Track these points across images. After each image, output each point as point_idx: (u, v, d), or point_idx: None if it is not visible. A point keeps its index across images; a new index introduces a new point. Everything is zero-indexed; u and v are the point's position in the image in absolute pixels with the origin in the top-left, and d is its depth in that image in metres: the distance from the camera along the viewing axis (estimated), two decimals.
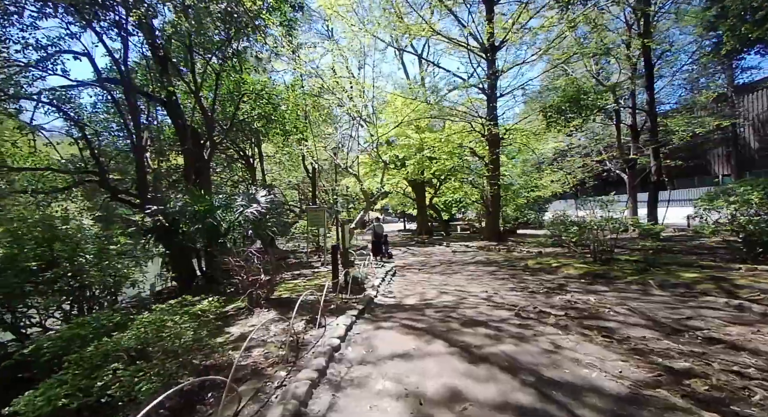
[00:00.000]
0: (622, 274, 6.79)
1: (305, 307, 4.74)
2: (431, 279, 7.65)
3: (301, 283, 7.55)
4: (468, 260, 10.58)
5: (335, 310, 4.70)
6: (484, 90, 14.39)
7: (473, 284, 6.88)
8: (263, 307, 4.82)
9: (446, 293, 6.05)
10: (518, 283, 6.85)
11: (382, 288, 6.41)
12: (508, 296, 5.71)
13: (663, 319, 4.31)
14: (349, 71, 9.99)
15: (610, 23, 16.55)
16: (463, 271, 8.70)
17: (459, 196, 19.69)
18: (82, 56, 8.54)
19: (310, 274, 9.06)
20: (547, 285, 6.50)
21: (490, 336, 3.62)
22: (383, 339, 3.59)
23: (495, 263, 9.63)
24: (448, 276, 8.00)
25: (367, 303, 5.01)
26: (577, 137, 21.45)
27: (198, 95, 7.46)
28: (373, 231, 11.44)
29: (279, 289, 6.52)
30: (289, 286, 7.06)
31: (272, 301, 5.12)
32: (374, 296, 5.58)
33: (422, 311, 4.73)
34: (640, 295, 5.51)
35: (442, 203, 22.35)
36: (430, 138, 15.77)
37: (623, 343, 3.42)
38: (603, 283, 6.48)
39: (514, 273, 7.93)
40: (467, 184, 18.46)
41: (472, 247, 13.41)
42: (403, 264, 10.37)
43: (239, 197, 7.97)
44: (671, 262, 7.61)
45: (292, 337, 3.50)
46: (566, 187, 21.09)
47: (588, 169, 20.06)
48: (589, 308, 4.81)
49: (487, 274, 8.08)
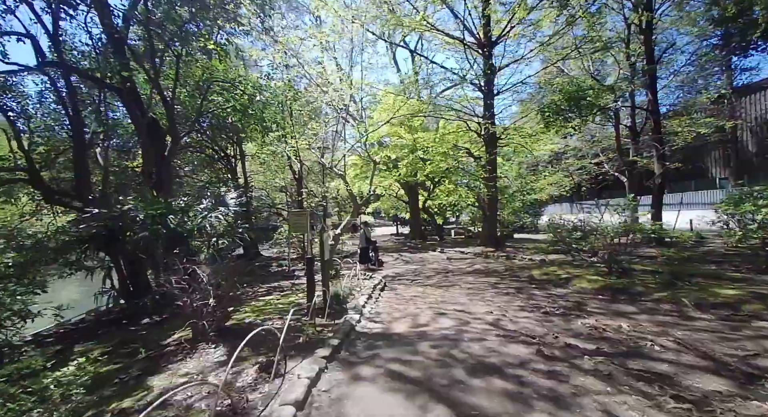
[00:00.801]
0: (645, 289, 5.80)
1: (267, 340, 3.61)
2: (426, 294, 6.56)
3: (274, 299, 6.39)
4: (465, 269, 9.54)
5: (304, 346, 3.58)
6: (480, 87, 13.46)
7: (475, 301, 5.82)
8: (210, 342, 3.67)
9: (444, 315, 4.97)
10: (526, 299, 5.80)
11: (368, 307, 5.30)
12: (520, 320, 4.65)
13: (725, 357, 3.29)
14: (337, 64, 8.91)
15: (608, 23, 15.89)
16: (461, 282, 7.64)
17: (453, 200, 18.70)
18: (25, 38, 7.33)
19: (288, 287, 7.91)
20: (561, 302, 5.46)
21: (511, 395, 2.54)
22: (360, 402, 2.49)
23: (495, 273, 8.60)
24: (445, 289, 6.93)
25: (346, 333, 3.90)
26: (574, 139, 20.70)
27: (157, 80, 6.32)
28: (361, 236, 10.33)
29: (242, 311, 5.36)
30: (258, 304, 5.90)
31: (226, 332, 3.97)
32: (357, 321, 4.47)
33: (415, 346, 3.64)
34: (678, 318, 4.50)
35: (436, 207, 21.36)
36: (424, 138, 14.78)
37: (704, 408, 2.37)
38: (626, 300, 5.47)
39: (519, 286, 6.89)
40: (462, 187, 17.50)
41: (469, 254, 12.39)
42: (394, 274, 9.28)
43: (207, 199, 6.81)
44: (695, 272, 6.66)
45: (227, 398, 2.37)
46: (563, 191, 20.30)
47: (585, 171, 19.27)
48: (626, 340, 3.77)
49: (488, 286, 7.03)
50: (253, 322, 4.57)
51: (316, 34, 7.66)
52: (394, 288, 7.26)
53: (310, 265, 4.97)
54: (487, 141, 13.27)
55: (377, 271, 9.91)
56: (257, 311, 5.27)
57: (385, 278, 8.51)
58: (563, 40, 15.24)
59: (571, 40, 14.95)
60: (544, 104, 13.10)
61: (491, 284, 7.24)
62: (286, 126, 9.06)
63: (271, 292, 7.18)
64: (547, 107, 12.88)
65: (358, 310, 4.97)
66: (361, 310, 5.04)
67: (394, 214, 25.26)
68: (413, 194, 19.53)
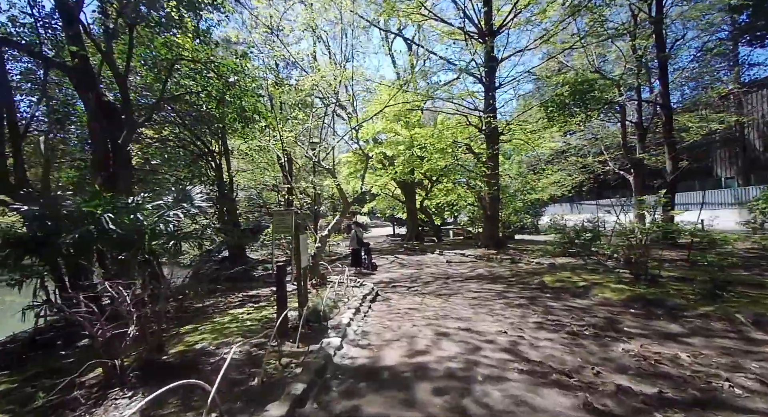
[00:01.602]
0: (684, 301, 4.83)
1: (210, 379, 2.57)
2: (424, 305, 5.56)
3: (245, 312, 5.35)
4: (467, 273, 8.54)
5: (257, 393, 2.56)
6: (481, 79, 12.51)
7: (482, 315, 4.82)
8: (128, 387, 2.63)
9: (446, 337, 3.97)
10: (543, 313, 4.81)
11: (354, 326, 4.28)
12: (542, 343, 3.66)
13: None
14: (326, 45, 7.91)
15: (613, 15, 15.05)
16: (464, 290, 6.64)
17: (452, 199, 17.74)
18: None
19: (267, 296, 6.87)
20: (587, 319, 4.48)
21: None
22: None
23: (501, 279, 7.61)
24: (446, 300, 5.92)
25: (318, 370, 2.88)
26: (575, 137, 19.83)
27: (110, 56, 5.30)
28: (352, 238, 9.32)
29: (200, 331, 4.32)
30: (224, 321, 4.85)
31: (158, 368, 2.93)
32: (337, 347, 3.45)
33: (412, 391, 2.63)
34: (742, 342, 3.53)
35: (434, 206, 20.39)
36: (421, 134, 13.80)
37: None
38: (665, 316, 4.49)
39: (531, 296, 5.89)
40: (462, 186, 16.54)
41: (470, 256, 11.40)
42: (388, 279, 8.26)
43: (168, 195, 5.76)
44: (730, 279, 5.70)
45: None
46: (564, 190, 19.39)
47: (589, 170, 18.37)
48: (691, 378, 2.79)
49: (495, 295, 6.03)
50: (205, 349, 3.54)
51: (300, 12, 6.66)
52: (388, 297, 6.24)
53: (282, 273, 3.95)
54: (488, 136, 12.32)
55: (370, 275, 8.90)
56: (217, 331, 4.23)
57: (378, 285, 7.49)
58: (567, 30, 14.41)
59: (575, 33, 14.13)
60: (548, 98, 12.18)
61: (498, 293, 6.24)
62: (268, 116, 8.03)
63: (246, 302, 6.14)
64: (550, 102, 11.98)
65: (341, 330, 3.95)
66: (344, 329, 4.02)
67: (390, 214, 24.26)
68: (410, 193, 18.55)
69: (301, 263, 4.30)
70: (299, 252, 4.27)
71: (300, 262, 4.28)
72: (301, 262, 4.29)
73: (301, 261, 4.31)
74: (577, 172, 18.52)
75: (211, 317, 5.09)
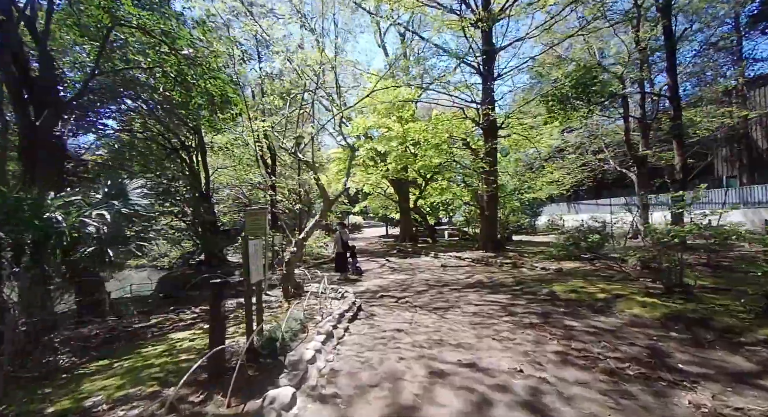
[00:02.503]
0: (734, 320, 3.84)
1: None
2: (414, 324, 4.49)
3: (188, 339, 4.22)
4: (464, 280, 7.51)
5: None
6: (478, 69, 11.50)
7: (487, 341, 3.77)
8: None
9: (443, 378, 2.91)
10: (564, 338, 3.77)
11: (320, 361, 3.20)
12: (572, 390, 2.62)
13: None
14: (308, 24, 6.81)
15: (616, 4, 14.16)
16: (462, 302, 5.59)
17: (447, 198, 16.72)
18: None
19: (232, 309, 5.75)
20: (623, 348, 3.45)
21: None
22: None
23: (504, 287, 6.58)
24: (441, 316, 4.87)
25: None
26: (573, 134, 18.95)
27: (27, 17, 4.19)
28: (337, 240, 8.24)
29: (115, 368, 3.20)
30: (154, 351, 3.72)
31: None
32: (286, 406, 2.35)
33: None
34: None
35: (428, 206, 19.36)
36: (414, 128, 12.76)
37: None
38: (720, 343, 3.48)
39: (543, 311, 4.86)
40: (458, 184, 15.55)
41: (466, 260, 10.37)
42: (376, 287, 7.19)
43: (102, 189, 4.61)
44: None
45: None
46: (562, 189, 18.50)
47: (588, 168, 17.50)
48: None
49: (500, 310, 4.99)
50: (91, 412, 2.41)
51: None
52: (372, 313, 5.16)
53: (218, 298, 2.84)
54: (486, 130, 11.31)
55: (356, 282, 7.82)
56: (132, 373, 3.09)
57: (363, 295, 6.42)
58: (568, 20, 13.48)
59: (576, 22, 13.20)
60: (548, 92, 11.19)
61: (503, 307, 5.20)
62: (239, 102, 6.91)
63: (200, 320, 5.00)
64: (551, 95, 11.01)
65: (301, 371, 2.86)
66: (306, 368, 2.93)
67: (383, 214, 23.18)
68: (403, 192, 17.50)
69: (252, 277, 3.20)
70: (248, 262, 3.17)
71: (250, 275, 3.18)
72: (251, 275, 3.19)
73: (252, 274, 3.21)
74: (577, 171, 17.63)
75: (143, 345, 3.96)
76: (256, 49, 10.59)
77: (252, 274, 3.20)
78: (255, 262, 3.26)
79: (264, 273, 3.46)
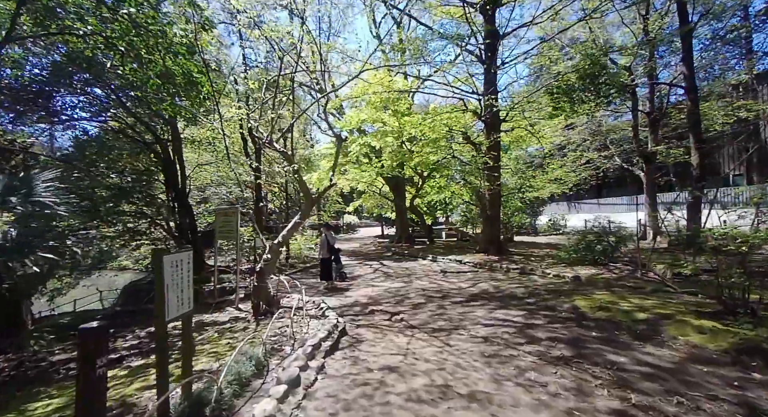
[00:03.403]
0: None
1: None
2: (411, 357, 3.44)
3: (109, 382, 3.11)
4: (469, 290, 6.46)
5: None
6: (481, 57, 10.47)
7: (508, 387, 2.73)
8: None
9: None
10: (614, 384, 2.73)
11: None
12: None
13: None
14: None
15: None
16: (469, 321, 4.55)
17: (446, 197, 15.68)
18: None
19: None
20: (703, 404, 2.41)
21: None
22: None
23: (515, 300, 5.54)
24: (445, 342, 3.82)
25: None
26: (576, 131, 18.00)
27: None
28: (322, 243, 7.16)
29: None
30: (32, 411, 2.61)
31: None
32: None
33: None
34: None
35: (425, 205, 18.31)
36: (411, 122, 11.70)
37: None
38: None
39: (572, 336, 3.82)
40: (457, 182, 14.51)
41: (468, 264, 9.33)
42: (366, 299, 6.11)
43: None
44: None
45: None
46: (565, 188, 17.52)
47: (593, 166, 16.56)
48: None
49: (517, 334, 3.95)
50: None
51: None
52: (358, 338, 4.09)
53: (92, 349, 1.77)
54: (488, 123, 10.28)
55: (344, 291, 6.74)
56: None
57: (351, 310, 5.35)
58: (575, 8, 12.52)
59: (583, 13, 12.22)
60: (554, 84, 10.17)
61: (519, 329, 4.15)
62: (204, 81, 5.80)
63: (132, 354, 3.88)
64: (556, 87, 10.01)
65: None
66: None
67: (378, 213, 22.09)
68: (399, 190, 16.43)
69: (168, 311, 2.11)
70: (163, 290, 2.08)
71: (165, 309, 2.09)
72: (167, 308, 2.10)
73: (169, 307, 2.12)
74: (581, 168, 16.68)
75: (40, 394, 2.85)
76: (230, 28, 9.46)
77: (169, 307, 2.11)
78: (175, 289, 2.17)
79: (189, 302, 2.36)
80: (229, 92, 8.25)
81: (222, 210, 6.28)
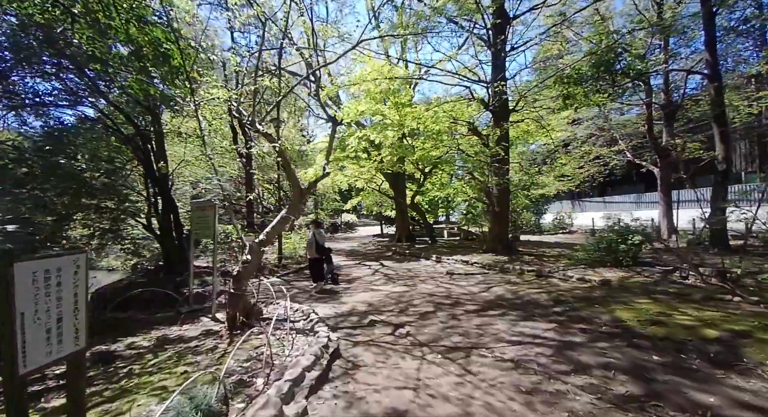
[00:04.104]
0: None
1: None
2: (425, 393, 2.57)
3: None
4: (481, 295, 5.59)
5: None
6: (488, 41, 9.59)
7: None
8: None
9: None
10: None
11: None
12: None
13: None
14: None
15: None
16: (490, 338, 3.68)
17: (448, 194, 14.82)
18: None
19: (147, 348, 3.74)
20: None
21: None
22: None
23: (540, 309, 4.67)
24: (465, 369, 2.95)
25: None
26: (583, 125, 17.17)
27: None
28: (310, 243, 6.28)
29: None
30: None
31: None
32: None
33: None
34: None
35: (427, 202, 17.45)
36: (413, 113, 10.81)
37: None
38: None
39: (629, 362, 2.96)
40: (459, 179, 13.65)
41: (476, 265, 8.47)
42: (365, 307, 5.24)
43: None
44: None
45: None
46: (572, 185, 16.71)
47: (602, 162, 15.74)
48: None
49: (556, 357, 3.09)
50: None
51: None
52: (354, 362, 3.21)
53: None
54: (496, 113, 9.41)
55: (338, 296, 5.86)
56: None
57: (346, 321, 4.47)
58: None
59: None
60: (565, 73, 9.29)
61: (557, 349, 3.28)
62: (175, 53, 4.90)
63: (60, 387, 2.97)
64: (567, 77, 9.14)
65: None
66: None
67: (377, 211, 21.20)
68: (400, 187, 15.54)
69: (22, 359, 1.22)
70: (14, 327, 1.18)
71: (16, 357, 1.19)
72: (18, 356, 1.20)
73: (23, 352, 1.22)
74: (589, 164, 15.85)
75: None
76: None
77: (28, 349, 1.22)
78: (46, 318, 1.28)
79: (78, 336, 1.48)
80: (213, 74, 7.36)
81: (197, 204, 5.39)
